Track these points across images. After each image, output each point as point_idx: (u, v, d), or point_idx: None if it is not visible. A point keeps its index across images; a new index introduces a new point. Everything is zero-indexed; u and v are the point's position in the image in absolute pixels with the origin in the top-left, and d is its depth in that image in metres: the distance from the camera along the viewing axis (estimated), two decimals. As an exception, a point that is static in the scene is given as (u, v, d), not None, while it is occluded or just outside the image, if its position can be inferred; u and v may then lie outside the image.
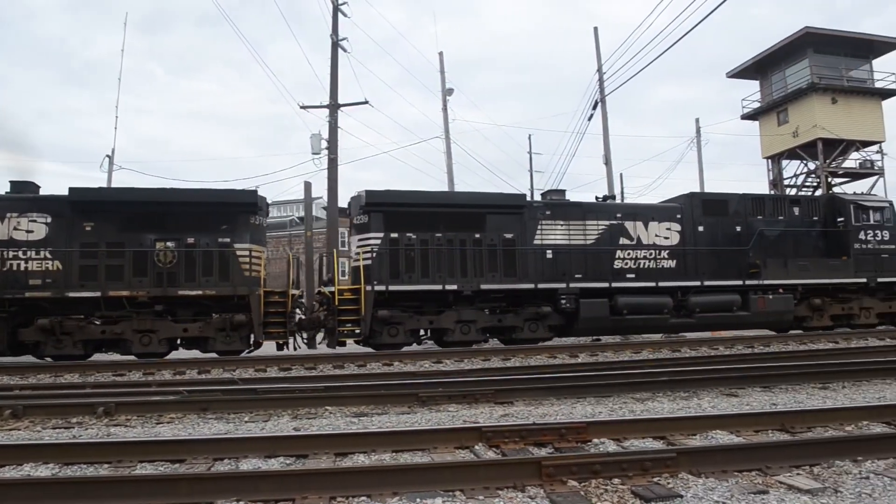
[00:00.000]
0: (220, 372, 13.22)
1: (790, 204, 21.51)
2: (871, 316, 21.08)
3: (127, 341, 15.68)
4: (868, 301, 20.99)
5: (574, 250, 18.68)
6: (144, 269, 15.94)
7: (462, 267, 17.72)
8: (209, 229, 16.53)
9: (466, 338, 17.31)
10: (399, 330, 17.09)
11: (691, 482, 4.39)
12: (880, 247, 21.23)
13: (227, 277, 16.34)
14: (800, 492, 4.17)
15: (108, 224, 16.04)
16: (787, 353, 13.80)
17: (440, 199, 18.67)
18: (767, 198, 21.88)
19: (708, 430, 5.99)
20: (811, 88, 34.53)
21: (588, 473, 4.45)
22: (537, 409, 7.79)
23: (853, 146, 35.59)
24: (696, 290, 19.01)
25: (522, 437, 5.67)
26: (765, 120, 38.33)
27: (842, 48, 35.55)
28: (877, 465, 4.74)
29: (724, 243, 19.98)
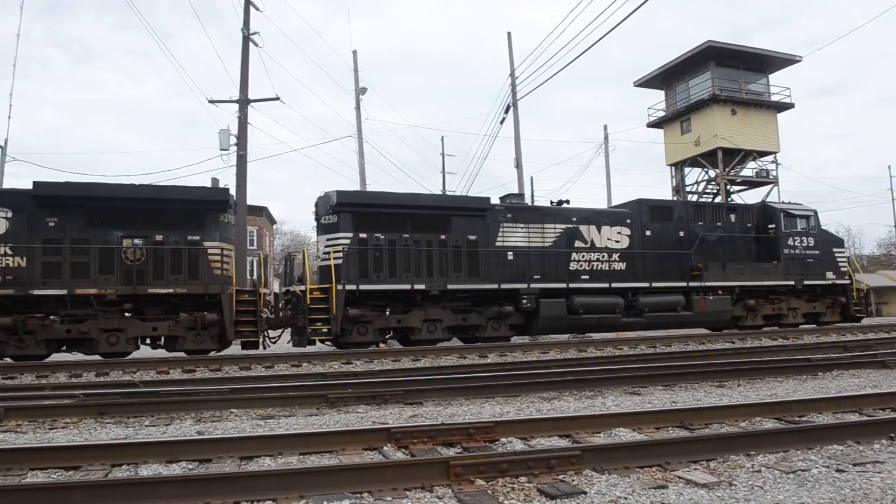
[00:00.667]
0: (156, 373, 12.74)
1: (727, 211, 23.02)
2: (798, 316, 22.86)
3: (93, 340, 15.23)
4: (795, 302, 22.76)
5: (533, 252, 19.36)
6: (111, 267, 15.49)
7: (428, 267, 18.09)
8: (178, 227, 16.15)
9: (433, 336, 17.73)
10: (368, 329, 17.33)
11: (595, 479, 4.49)
12: (806, 252, 22.94)
13: (197, 276, 16.05)
14: (697, 486, 4.32)
15: (73, 220, 15.51)
16: (687, 353, 14.30)
17: (408, 200, 18.84)
18: (707, 205, 23.66)
19: (611, 427, 6.14)
20: (712, 100, 35.99)
21: (495, 472, 4.49)
22: (447, 409, 7.82)
23: (751, 156, 37.30)
24: (644, 291, 20.07)
25: (431, 438, 5.68)
26: (669, 128, 39.71)
27: (741, 62, 37.22)
28: (768, 458, 4.97)
29: (669, 247, 21.11)
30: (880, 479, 4.37)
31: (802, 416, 6.67)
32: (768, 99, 38.14)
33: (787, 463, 4.84)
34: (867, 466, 4.72)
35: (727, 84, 36.72)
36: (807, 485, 4.31)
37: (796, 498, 4.02)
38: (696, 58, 36.55)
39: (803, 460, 4.91)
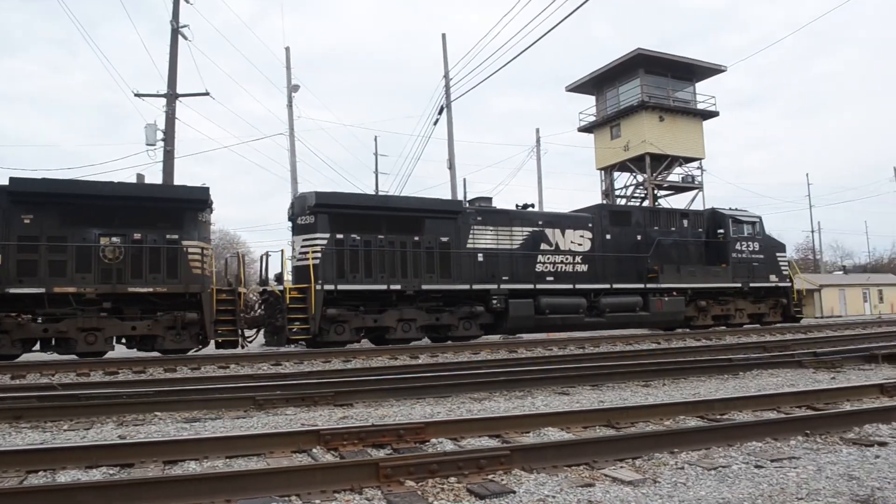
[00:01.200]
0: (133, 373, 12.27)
1: (680, 217, 24.13)
2: (744, 316, 24.43)
3: (70, 340, 15.02)
4: (741, 303, 24.31)
5: (502, 254, 20.05)
6: (89, 265, 15.31)
7: (402, 268, 18.55)
8: (157, 225, 16.07)
9: (407, 335, 18.18)
10: (345, 328, 17.64)
11: (524, 478, 4.53)
12: (752, 256, 24.48)
13: (176, 275, 16.00)
14: (623, 483, 4.40)
15: (50, 217, 15.26)
16: (615, 354, 14.59)
17: (383, 202, 19.70)
18: (662, 211, 24.88)
19: (540, 427, 6.21)
20: (641, 106, 36.84)
21: (425, 473, 4.49)
22: (377, 410, 7.79)
23: (677, 161, 38.32)
24: (606, 293, 21.06)
25: (361, 439, 5.64)
26: (599, 133, 40.47)
27: (669, 70, 38.22)
28: (691, 455, 5.10)
29: (628, 250, 22.11)
30: (796, 475, 4.53)
31: (724, 415, 6.86)
32: (694, 107, 39.27)
33: (709, 460, 4.97)
34: (784, 462, 4.89)
35: (655, 91, 37.64)
36: (727, 480, 4.44)
37: (717, 494, 4.14)
38: (626, 65, 37.33)
39: (724, 457, 5.05)
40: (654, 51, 37.05)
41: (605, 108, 39.97)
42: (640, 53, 36.26)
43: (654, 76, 37.87)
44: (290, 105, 31.30)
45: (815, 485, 4.27)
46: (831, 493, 4.09)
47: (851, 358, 11.81)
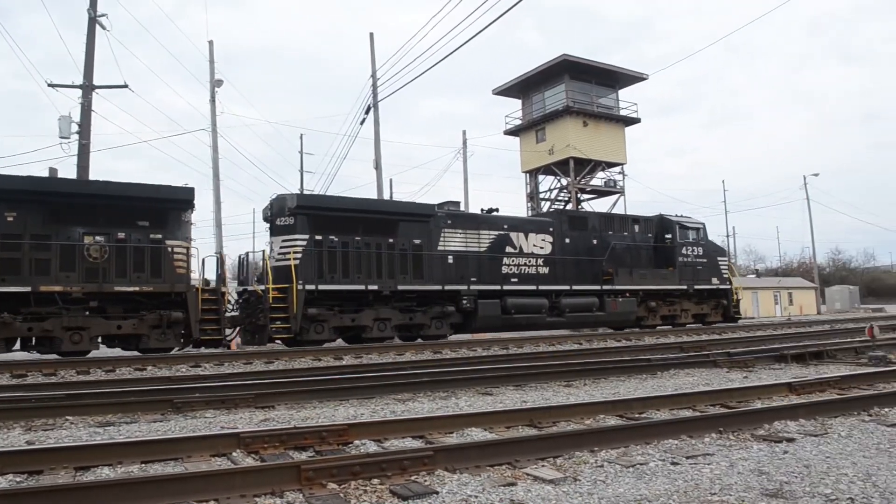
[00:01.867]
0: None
1: (632, 222, 25.38)
2: (688, 316, 25.79)
3: (55, 339, 14.87)
4: (687, 304, 25.63)
5: (471, 256, 20.79)
6: (73, 264, 15.19)
7: (378, 269, 19.06)
8: (140, 224, 16.07)
9: (383, 334, 18.71)
10: (324, 327, 18.06)
11: (447, 478, 4.54)
12: (696, 260, 25.94)
13: (160, 274, 16.03)
14: (544, 482, 4.46)
15: (33, 215, 15.05)
16: (538, 354, 14.78)
17: (360, 205, 19.96)
18: (616, 216, 25.97)
19: (464, 427, 6.24)
20: (566, 111, 37.43)
21: (348, 475, 4.45)
22: (299, 412, 7.69)
23: (600, 166, 39.08)
24: (566, 294, 22.09)
25: (283, 442, 5.55)
26: (525, 137, 40.94)
27: (594, 77, 38.98)
28: (610, 454, 5.20)
29: (585, 254, 23.23)
30: (709, 471, 4.67)
31: (642, 413, 7.02)
32: (617, 113, 40.13)
33: (628, 457, 5.08)
34: (698, 459, 5.03)
35: (580, 97, 38.32)
36: (645, 477, 4.54)
37: (635, 490, 4.23)
38: (552, 70, 37.88)
39: (642, 455, 5.17)
40: (579, 57, 37.66)
41: (530, 112, 40.47)
42: (565, 59, 36.85)
43: (578, 82, 38.55)
44: (212, 100, 30.58)
45: (728, 480, 4.41)
46: (742, 487, 4.23)
47: (763, 358, 12.26)
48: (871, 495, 4.03)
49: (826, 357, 12.58)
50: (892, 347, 12.67)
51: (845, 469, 4.65)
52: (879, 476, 4.45)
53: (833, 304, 56.87)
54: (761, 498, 4.01)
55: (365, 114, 29.88)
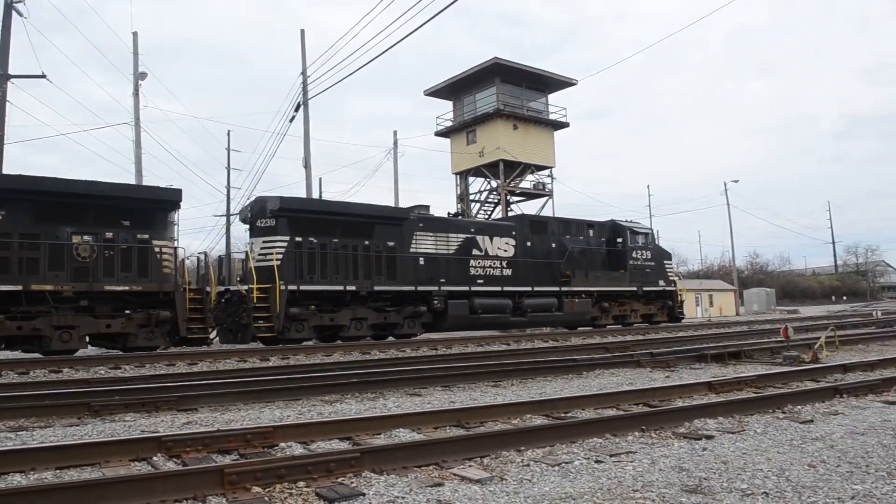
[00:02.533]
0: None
1: (587, 227, 26.71)
2: (637, 316, 27.32)
3: (44, 338, 14.92)
4: (636, 305, 27.17)
5: (441, 258, 21.60)
6: (62, 263, 15.27)
7: (354, 270, 19.72)
8: (128, 224, 16.24)
9: (359, 333, 19.32)
10: (304, 326, 18.59)
11: (374, 480, 4.51)
12: (645, 263, 27.49)
13: (147, 274, 16.24)
14: (471, 482, 4.47)
15: (22, 214, 15.06)
16: (466, 355, 14.85)
17: (339, 208, 20.59)
18: (573, 221, 26.66)
19: (392, 428, 6.22)
20: (496, 114, 37.71)
21: (273, 478, 4.37)
22: (224, 415, 7.54)
23: (529, 169, 39.50)
24: (528, 295, 23.15)
25: (206, 445, 5.43)
26: (455, 138, 41.07)
27: (524, 81, 39.37)
28: (536, 453, 5.26)
29: (544, 257, 24.35)
30: (632, 468, 4.77)
31: (568, 413, 7.13)
32: (547, 117, 40.64)
33: (553, 456, 5.15)
34: (622, 457, 5.14)
35: (510, 100, 38.66)
36: (570, 476, 4.61)
37: (560, 489, 4.29)
38: (483, 73, 38.11)
39: (567, 453, 5.25)
40: (510, 61, 38.00)
41: (461, 113, 40.63)
42: (496, 63, 37.13)
43: (509, 85, 38.88)
44: (136, 93, 29.63)
45: (650, 477, 4.51)
46: (664, 484, 4.34)
47: (684, 358, 12.61)
48: (784, 489, 4.18)
49: (744, 357, 13.02)
50: (805, 348, 13.18)
51: (760, 464, 4.81)
52: (792, 471, 4.62)
53: (751, 305, 58.81)
54: (681, 494, 4.12)
55: (295, 111, 29.52)
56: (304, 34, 30.16)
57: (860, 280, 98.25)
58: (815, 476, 4.49)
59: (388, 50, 23.11)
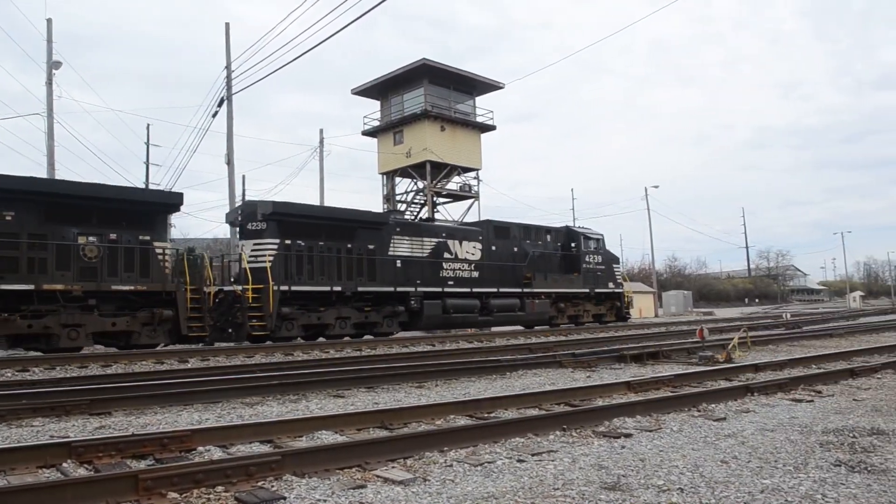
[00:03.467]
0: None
1: (545, 232, 28.52)
2: (589, 316, 29.17)
3: (52, 336, 15.39)
4: (588, 306, 29.06)
5: (416, 261, 22.86)
6: (68, 263, 15.73)
7: (338, 271, 20.70)
8: (131, 226, 16.80)
9: (344, 332, 20.32)
10: (294, 325, 19.49)
11: (295, 483, 4.44)
12: (597, 267, 29.45)
13: (148, 274, 16.85)
14: (394, 483, 4.46)
15: (31, 214, 15.47)
16: (390, 356, 14.79)
17: (325, 213, 22.03)
18: (532, 227, 28.35)
19: (314, 430, 6.14)
20: (424, 115, 37.70)
21: (190, 483, 4.26)
22: (139, 419, 7.31)
23: (456, 171, 39.66)
24: (494, 296, 24.63)
25: (120, 451, 5.24)
26: (383, 138, 40.90)
27: (452, 83, 39.47)
28: (459, 453, 5.27)
29: (508, 260, 25.95)
30: (553, 467, 4.84)
31: (491, 413, 7.18)
32: (474, 119, 40.88)
33: (476, 456, 5.17)
34: (543, 455, 5.20)
35: (438, 101, 38.73)
36: (492, 475, 4.64)
37: (483, 489, 4.31)
38: (411, 73, 38.06)
39: (490, 453, 5.28)
40: (439, 62, 38.05)
41: (389, 114, 40.49)
42: (424, 64, 37.14)
43: (437, 87, 38.94)
44: (49, 83, 28.40)
45: (570, 475, 4.58)
46: (583, 482, 4.41)
47: (605, 358, 12.88)
48: (698, 485, 4.31)
49: (662, 357, 13.38)
50: (719, 348, 13.63)
51: (676, 461, 4.95)
52: (706, 467, 4.77)
53: (669, 307, 60.42)
54: (600, 491, 4.20)
55: (218, 106, 28.84)
56: (229, 27, 29.51)
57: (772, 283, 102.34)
58: (728, 471, 4.64)
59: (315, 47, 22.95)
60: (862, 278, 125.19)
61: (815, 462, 4.89)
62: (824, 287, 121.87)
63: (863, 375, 9.97)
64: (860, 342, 17.07)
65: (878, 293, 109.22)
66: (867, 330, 21.66)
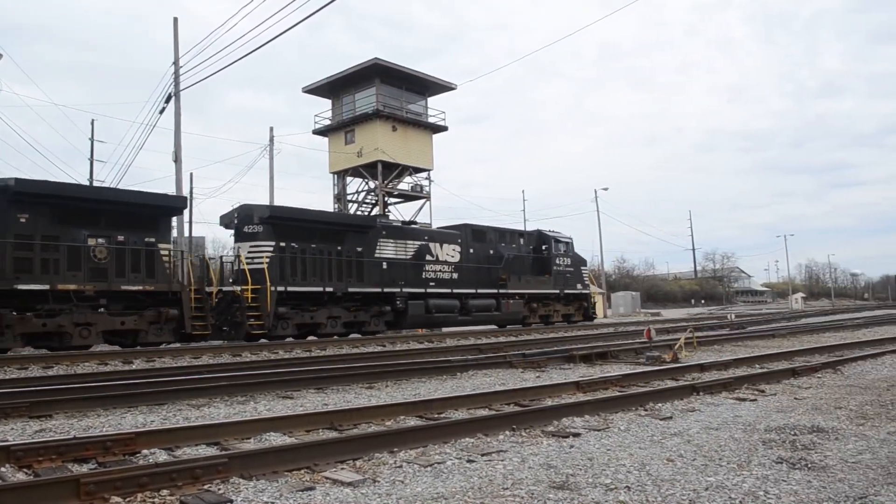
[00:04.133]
0: None
1: (518, 236, 29.94)
2: (559, 316, 30.55)
3: (65, 334, 15.91)
4: (558, 306, 30.45)
5: (400, 263, 23.90)
6: (79, 264, 16.28)
7: (329, 273, 21.64)
8: (137, 228, 17.49)
9: (335, 331, 21.23)
10: (289, 324, 20.35)
11: (243, 486, 4.39)
12: (566, 269, 30.80)
13: (153, 274, 17.56)
14: (343, 485, 4.43)
15: (44, 217, 16.00)
16: (340, 357, 14.70)
17: (317, 216, 22.44)
18: (507, 231, 29.75)
19: (262, 432, 6.07)
20: (376, 115, 37.58)
21: (134, 487, 4.17)
22: (81, 421, 7.14)
23: (407, 171, 39.62)
24: (472, 296, 25.75)
25: (61, 455, 5.10)
26: (334, 137, 40.64)
27: (404, 83, 39.42)
28: (409, 454, 5.27)
29: (485, 262, 27.14)
30: (503, 466, 4.86)
31: (441, 414, 7.18)
32: (426, 120, 40.89)
33: (426, 457, 5.17)
34: (493, 455, 5.22)
35: (390, 101, 38.64)
36: (442, 476, 4.64)
37: (432, 489, 4.31)
38: (363, 73, 37.90)
39: (440, 454, 5.29)
40: (391, 62, 37.94)
41: (340, 113, 40.26)
42: (376, 63, 37.02)
43: (389, 87, 38.84)
44: (-12, 80, 27.66)
45: (520, 475, 4.61)
46: (532, 481, 4.44)
47: (554, 358, 12.99)
48: (644, 483, 4.38)
49: (610, 357, 13.56)
50: (666, 348, 13.87)
51: (623, 460, 5.02)
52: (652, 465, 4.84)
53: (618, 308, 61.15)
54: (549, 490, 4.23)
55: (165, 102, 28.27)
56: (178, 22, 28.95)
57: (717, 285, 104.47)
58: (674, 469, 4.72)
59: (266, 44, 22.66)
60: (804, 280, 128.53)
61: (758, 460, 5.01)
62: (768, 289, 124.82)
63: (804, 375, 10.25)
64: (801, 342, 17.53)
65: (819, 295, 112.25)
66: (808, 330, 22.27)
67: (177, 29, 28.83)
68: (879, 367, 11.39)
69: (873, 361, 12.25)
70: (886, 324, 26.57)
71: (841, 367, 11.23)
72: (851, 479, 4.48)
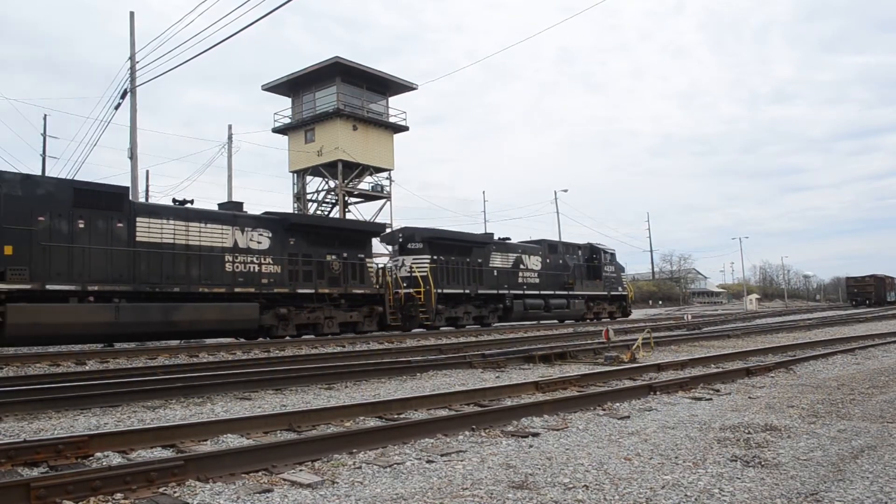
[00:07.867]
0: None
1: (577, 248, 36.13)
2: (606, 313, 36.96)
3: (317, 325, 21.82)
4: (606, 305, 37.17)
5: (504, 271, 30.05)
6: (322, 274, 22.19)
7: (464, 278, 27.58)
8: (353, 247, 23.49)
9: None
10: (442, 317, 26.32)
11: (199, 488, 4.32)
12: (612, 275, 37.79)
13: (363, 280, 23.51)
14: (302, 486, 4.39)
15: (302, 240, 21.85)
16: (299, 357, 14.58)
17: (457, 236, 28.86)
18: (571, 244, 36.18)
19: (219, 434, 5.99)
20: (336, 114, 37.39)
21: (87, 491, 4.09)
22: (32, 424, 6.97)
23: (368, 170, 39.48)
24: (552, 297, 32.08)
25: (10, 458, 4.98)
26: (294, 136, 40.33)
27: (365, 82, 39.28)
28: (368, 455, 5.24)
29: (556, 270, 33.30)
30: (462, 467, 4.87)
31: (401, 414, 7.17)
32: (387, 119, 40.78)
33: (386, 458, 5.15)
34: (452, 456, 5.23)
35: (351, 100, 38.47)
36: (401, 477, 4.63)
37: (392, 490, 4.30)
38: (324, 71, 37.67)
39: (399, 454, 5.27)
40: (352, 61, 37.77)
41: (300, 111, 39.98)
42: (337, 62, 36.83)
43: (350, 86, 38.69)
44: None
45: (479, 475, 4.62)
46: (492, 481, 4.45)
47: (514, 359, 13.04)
48: (602, 482, 4.42)
49: (569, 357, 13.66)
50: (624, 349, 14.01)
51: (582, 459, 5.06)
52: (610, 464, 4.89)
53: (576, 308, 61.58)
54: (508, 490, 4.24)
55: (121, 98, 27.72)
56: (134, 17, 28.44)
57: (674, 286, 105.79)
58: (631, 468, 4.77)
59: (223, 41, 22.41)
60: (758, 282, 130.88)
61: (713, 458, 5.09)
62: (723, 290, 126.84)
63: (758, 374, 10.44)
64: (756, 343, 17.85)
65: (773, 296, 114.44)
66: (762, 331, 22.70)
67: (133, 24, 28.29)
68: (830, 367, 11.65)
69: (824, 361, 12.53)
70: (837, 324, 27.22)
71: (793, 366, 11.47)
72: (803, 475, 4.57)
